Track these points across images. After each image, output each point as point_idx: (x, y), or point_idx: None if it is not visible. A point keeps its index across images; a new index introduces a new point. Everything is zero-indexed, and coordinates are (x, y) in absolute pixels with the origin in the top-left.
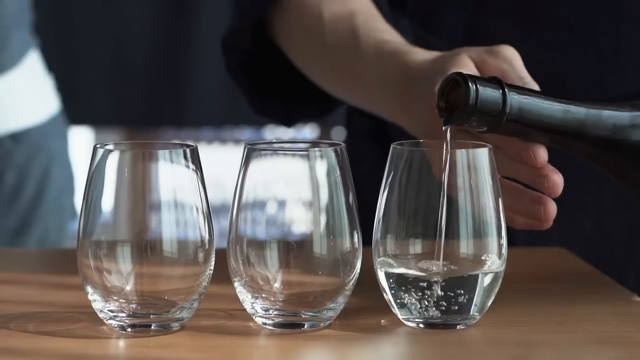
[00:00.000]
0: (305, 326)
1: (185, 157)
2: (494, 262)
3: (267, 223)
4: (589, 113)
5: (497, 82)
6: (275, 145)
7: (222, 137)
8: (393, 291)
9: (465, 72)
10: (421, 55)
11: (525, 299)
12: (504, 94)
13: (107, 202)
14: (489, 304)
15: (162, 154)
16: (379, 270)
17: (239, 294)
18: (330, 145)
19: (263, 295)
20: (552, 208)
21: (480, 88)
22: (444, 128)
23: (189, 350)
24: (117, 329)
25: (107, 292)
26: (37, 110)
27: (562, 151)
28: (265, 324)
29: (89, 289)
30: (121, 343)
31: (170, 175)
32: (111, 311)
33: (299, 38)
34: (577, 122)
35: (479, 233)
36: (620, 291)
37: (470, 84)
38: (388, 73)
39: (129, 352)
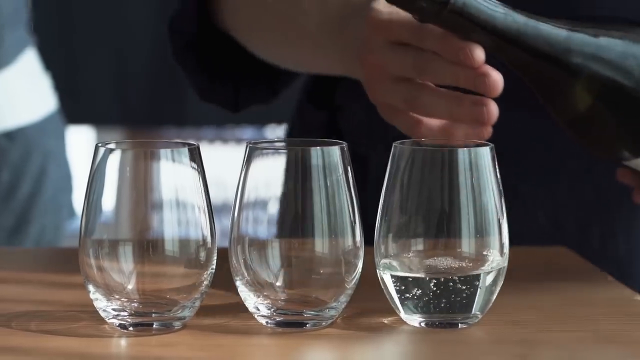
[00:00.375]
0: (307, 325)
1: (187, 156)
2: (495, 260)
3: (269, 222)
4: (528, 22)
5: None
6: (277, 144)
7: (224, 137)
8: (395, 290)
9: None
10: None
11: (527, 297)
12: None
13: (109, 201)
14: (491, 302)
15: (164, 153)
16: (380, 269)
17: (240, 293)
18: (333, 144)
19: (265, 294)
20: (495, 108)
21: None
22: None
23: (191, 349)
24: (119, 327)
25: (109, 291)
26: (32, 109)
27: (516, 136)
28: (267, 323)
29: (91, 287)
30: (123, 342)
31: (172, 175)
32: (113, 310)
33: (242, 7)
34: (515, 27)
35: (480, 231)
36: (623, 290)
37: None
38: (326, 15)
39: (131, 351)
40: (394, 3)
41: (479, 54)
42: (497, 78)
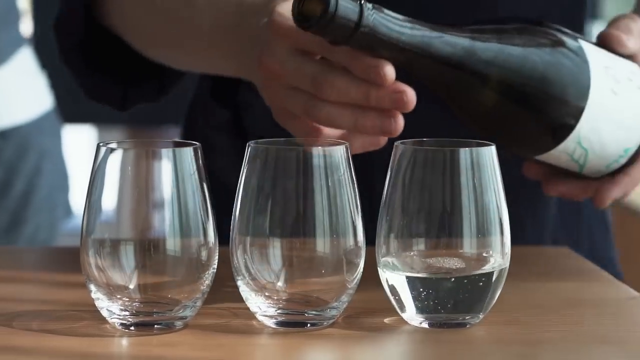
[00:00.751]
0: (309, 325)
1: (188, 156)
2: (497, 260)
3: (271, 222)
4: (433, 34)
5: None
6: (279, 143)
7: None
8: (396, 290)
9: None
10: None
11: (528, 297)
12: (361, 6)
13: (111, 200)
14: (493, 302)
15: (165, 152)
16: (382, 268)
17: (242, 293)
18: (334, 144)
19: (266, 294)
20: (401, 120)
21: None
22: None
23: (192, 348)
24: (120, 327)
25: (111, 291)
26: (27, 108)
27: None
28: (268, 322)
29: (92, 287)
30: (124, 341)
31: (173, 174)
32: (114, 310)
33: (130, 9)
34: (422, 41)
35: (482, 231)
36: (625, 290)
37: None
38: (221, 15)
39: (132, 351)
40: (303, 27)
41: (390, 72)
42: (412, 95)
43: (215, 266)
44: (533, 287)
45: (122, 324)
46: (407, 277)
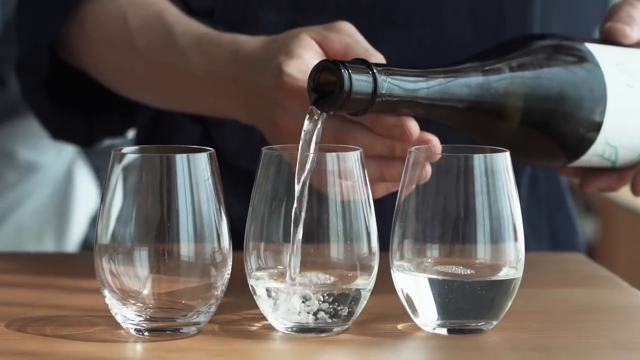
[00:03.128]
0: (321, 330)
1: (203, 162)
2: (511, 267)
3: (284, 227)
4: (447, 80)
5: (363, 63)
6: (292, 149)
7: None
8: (409, 296)
9: (309, 51)
10: (251, 39)
11: (541, 304)
12: (374, 76)
13: (125, 206)
14: (507, 308)
15: (180, 158)
16: (395, 274)
17: (256, 300)
18: (349, 149)
19: (280, 301)
20: (429, 167)
21: (352, 74)
22: (319, 113)
23: (206, 354)
24: (134, 333)
25: (124, 296)
26: None
27: None
28: (281, 328)
29: (106, 292)
30: (138, 347)
31: (188, 180)
32: (128, 315)
33: (104, 51)
34: (439, 90)
35: (495, 238)
36: (637, 297)
37: (342, 71)
38: (215, 62)
39: (146, 356)
40: (321, 110)
41: (415, 127)
42: (437, 143)
43: (230, 272)
44: (545, 293)
45: (136, 330)
46: (421, 283)
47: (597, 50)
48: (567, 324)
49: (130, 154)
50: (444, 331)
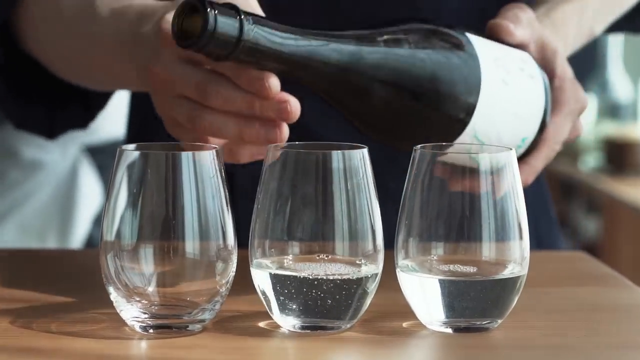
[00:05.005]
0: (327, 328)
1: (208, 159)
2: (516, 265)
3: (289, 225)
4: (316, 43)
5: (234, 8)
6: (298, 146)
7: None
8: (414, 294)
9: None
10: (157, 2)
11: (546, 302)
12: (241, 21)
13: (130, 203)
14: (512, 307)
15: (185, 155)
16: (400, 272)
17: (260, 295)
18: (353, 147)
19: (284, 298)
20: (286, 129)
21: (218, 15)
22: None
23: (211, 352)
24: (139, 330)
25: (129, 294)
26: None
27: None
28: (287, 325)
29: (112, 290)
30: (143, 344)
31: (193, 177)
32: (133, 312)
33: (40, 27)
34: (307, 50)
35: (501, 236)
36: None
37: (208, 10)
38: (122, 22)
39: (151, 354)
40: (183, 46)
41: (275, 83)
42: (296, 104)
43: (235, 269)
44: (550, 292)
45: (140, 327)
46: (426, 281)
47: (478, 43)
48: (572, 322)
49: (136, 151)
50: (449, 330)
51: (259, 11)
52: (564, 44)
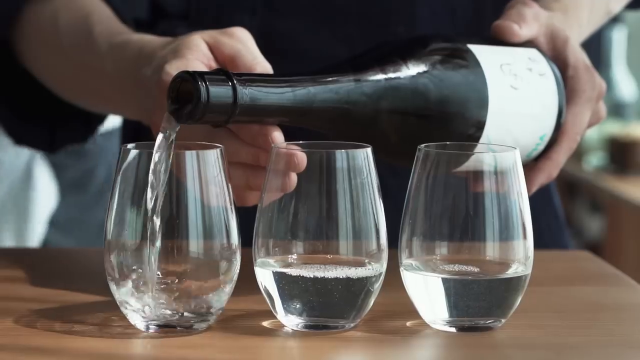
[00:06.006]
0: (330, 327)
1: (212, 158)
2: (520, 264)
3: (293, 224)
4: (315, 88)
5: (224, 74)
6: (303, 146)
7: None
8: (418, 293)
9: (194, 52)
10: (156, 39)
11: (550, 301)
12: (234, 87)
13: (135, 202)
14: (516, 306)
15: (189, 154)
16: (404, 271)
17: (264, 294)
18: (357, 147)
19: (288, 297)
20: (294, 178)
21: (210, 86)
22: (175, 125)
23: (216, 350)
24: (143, 329)
25: (133, 292)
26: None
27: None
28: (291, 324)
29: (115, 289)
30: (147, 343)
31: (197, 176)
32: (137, 311)
33: (39, 50)
34: (305, 99)
35: (504, 235)
36: None
37: (199, 83)
38: (122, 60)
39: (155, 352)
40: (180, 122)
41: (279, 137)
42: (302, 157)
43: (239, 268)
44: (554, 291)
45: (145, 326)
46: (430, 280)
47: (480, 51)
48: (577, 321)
49: (140, 149)
50: (453, 329)
51: (268, 68)
52: (577, 28)
